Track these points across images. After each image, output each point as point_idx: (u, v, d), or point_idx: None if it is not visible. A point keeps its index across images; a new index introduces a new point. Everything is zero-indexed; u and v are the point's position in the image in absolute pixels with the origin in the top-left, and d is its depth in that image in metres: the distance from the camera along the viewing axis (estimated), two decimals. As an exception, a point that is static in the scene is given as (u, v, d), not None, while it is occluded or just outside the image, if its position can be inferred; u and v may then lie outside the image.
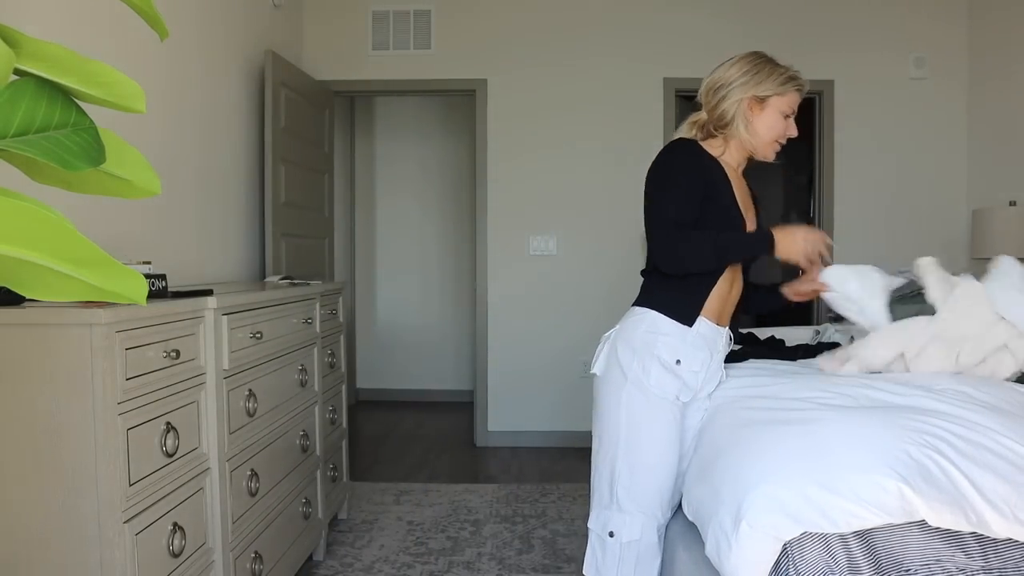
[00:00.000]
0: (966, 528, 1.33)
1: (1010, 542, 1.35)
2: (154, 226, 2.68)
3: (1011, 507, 1.33)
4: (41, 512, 1.47)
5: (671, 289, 1.79)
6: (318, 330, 2.79)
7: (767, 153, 1.88)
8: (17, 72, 0.50)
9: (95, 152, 0.52)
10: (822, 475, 1.37)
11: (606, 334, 1.88)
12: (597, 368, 1.85)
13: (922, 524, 1.35)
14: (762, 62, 1.85)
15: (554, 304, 4.61)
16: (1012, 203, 3.86)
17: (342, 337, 3.16)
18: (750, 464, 1.47)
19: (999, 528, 1.33)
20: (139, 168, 0.59)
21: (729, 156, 1.88)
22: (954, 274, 2.02)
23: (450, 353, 6.15)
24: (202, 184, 3.11)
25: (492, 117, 4.58)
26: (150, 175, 0.60)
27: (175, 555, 1.67)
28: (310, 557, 2.82)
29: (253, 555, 2.10)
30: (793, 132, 1.87)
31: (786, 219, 6.72)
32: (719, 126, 1.86)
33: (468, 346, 5.98)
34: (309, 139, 4.11)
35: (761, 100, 1.82)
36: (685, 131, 1.91)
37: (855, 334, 2.52)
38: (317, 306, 2.79)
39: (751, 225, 1.87)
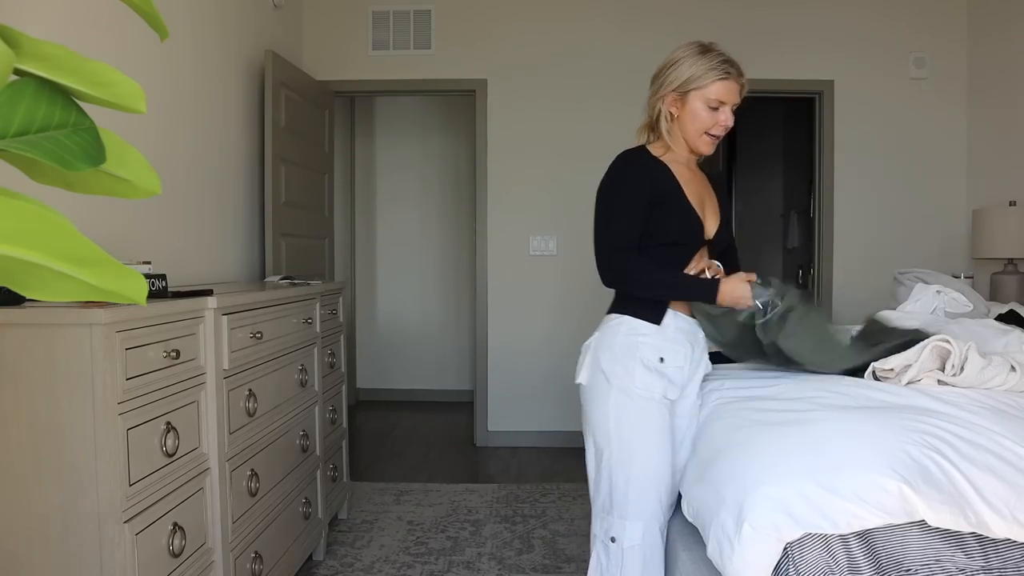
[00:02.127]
0: (965, 528, 1.33)
1: (1010, 542, 1.35)
2: (154, 226, 2.68)
3: (1010, 508, 1.33)
4: (41, 512, 1.47)
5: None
6: (318, 330, 2.79)
7: (698, 147, 1.82)
8: (17, 72, 0.50)
9: (95, 152, 0.52)
10: (823, 476, 1.37)
11: (586, 343, 1.88)
12: (582, 377, 1.85)
13: (922, 524, 1.35)
14: (684, 55, 1.78)
15: (554, 304, 4.61)
16: (1012, 203, 3.86)
17: (342, 337, 3.16)
18: (751, 465, 1.47)
19: (998, 529, 1.33)
20: (139, 168, 0.59)
21: (674, 154, 1.85)
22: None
23: (450, 353, 6.15)
24: (202, 184, 3.11)
25: (492, 117, 4.58)
26: (150, 175, 0.60)
27: (175, 555, 1.67)
28: (310, 557, 2.82)
29: (253, 555, 2.10)
30: (725, 122, 1.77)
31: (786, 219, 6.72)
32: (655, 126, 1.86)
33: (468, 346, 5.98)
34: (309, 139, 4.11)
35: (682, 95, 1.78)
36: (637, 137, 1.90)
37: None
38: (317, 306, 2.79)
39: (710, 223, 1.86)
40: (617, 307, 1.84)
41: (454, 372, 6.13)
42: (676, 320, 1.79)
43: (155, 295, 1.79)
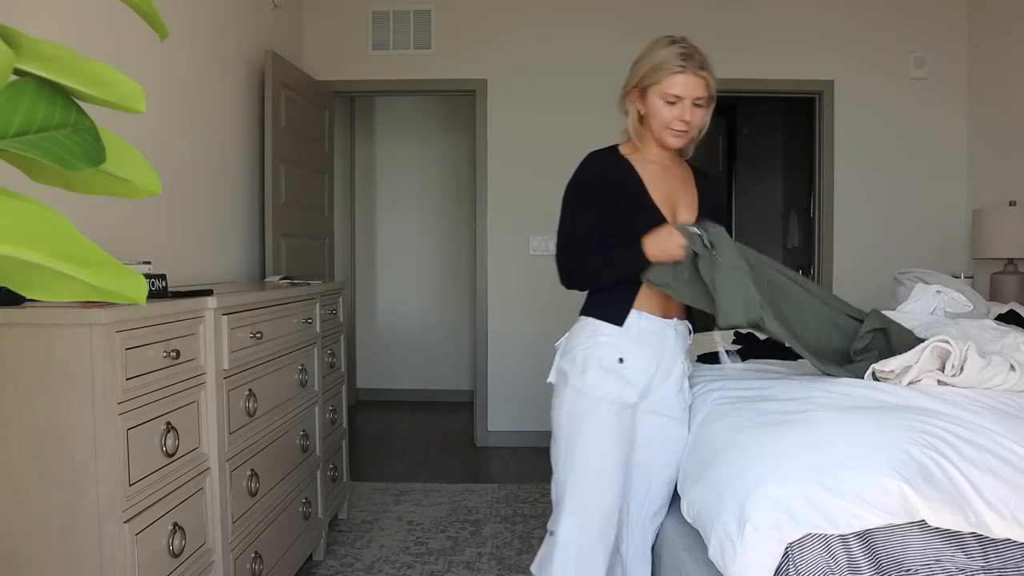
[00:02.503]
0: (965, 528, 1.33)
1: (1010, 542, 1.35)
2: (154, 226, 2.68)
3: (1010, 508, 1.33)
4: (41, 512, 1.47)
5: (603, 293, 1.80)
6: (318, 330, 2.79)
7: (664, 141, 1.78)
8: (17, 72, 0.50)
9: (95, 152, 0.52)
10: (824, 476, 1.37)
11: (557, 343, 1.89)
12: (551, 377, 1.86)
13: (922, 524, 1.35)
14: (647, 50, 1.77)
15: (554, 304, 4.60)
16: (1012, 203, 3.86)
17: (342, 337, 3.16)
18: (752, 465, 1.47)
19: (998, 529, 1.33)
20: (139, 168, 0.59)
21: (643, 152, 1.82)
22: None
23: (450, 353, 6.14)
24: (202, 184, 3.11)
25: (492, 117, 4.58)
26: (150, 175, 0.60)
27: (175, 555, 1.67)
28: (310, 557, 2.82)
29: (253, 555, 2.10)
30: (682, 116, 1.72)
31: (786, 219, 6.72)
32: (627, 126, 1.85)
33: (468, 346, 5.98)
34: (309, 139, 4.11)
35: (643, 91, 1.76)
36: (619, 137, 1.89)
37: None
38: (317, 306, 2.79)
39: (684, 219, 1.81)
40: (584, 309, 1.84)
41: (454, 372, 6.13)
42: (640, 321, 1.76)
43: (155, 295, 1.79)
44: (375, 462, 4.31)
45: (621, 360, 1.74)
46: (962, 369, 1.67)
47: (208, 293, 1.94)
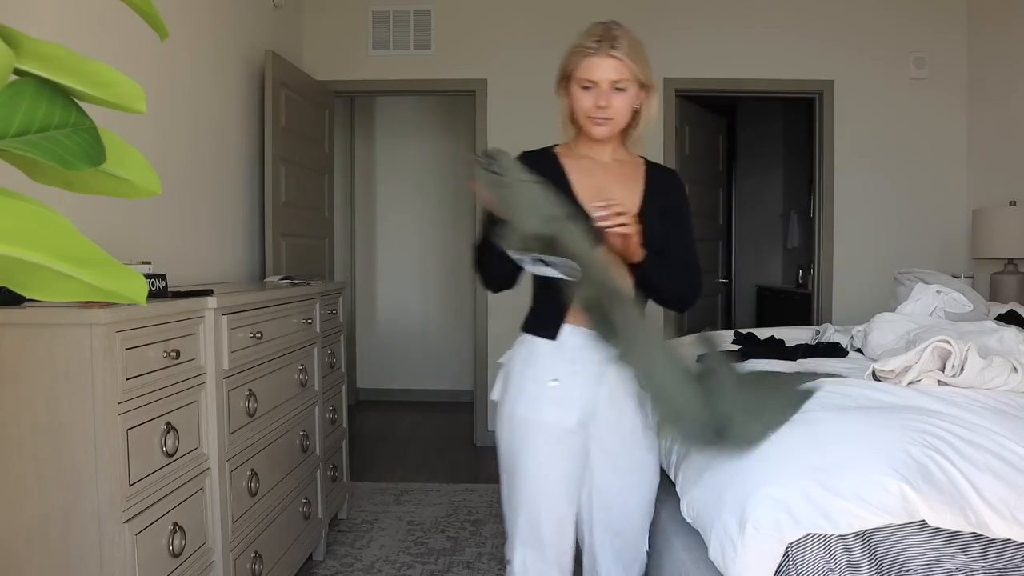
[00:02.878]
0: (965, 528, 1.33)
1: (1010, 542, 1.35)
2: (154, 226, 2.68)
3: (1010, 508, 1.33)
4: (41, 512, 1.47)
5: (535, 307, 1.72)
6: (318, 330, 2.79)
7: (588, 130, 1.65)
8: (17, 72, 0.50)
9: (95, 152, 0.52)
10: (825, 476, 1.37)
11: (500, 359, 1.79)
12: (495, 394, 1.77)
13: (922, 524, 1.35)
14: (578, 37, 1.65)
15: (554, 304, 4.60)
16: (1012, 203, 3.86)
17: (342, 337, 3.16)
18: (752, 465, 1.47)
19: (998, 529, 1.33)
20: (139, 168, 0.59)
21: (578, 148, 1.71)
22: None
23: (450, 353, 6.14)
24: (202, 184, 3.10)
25: (492, 117, 4.58)
26: (150, 175, 0.60)
27: (175, 555, 1.67)
28: (310, 557, 2.82)
29: (253, 555, 2.10)
30: (601, 102, 1.59)
31: (786, 219, 6.72)
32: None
33: (468, 346, 5.98)
34: (309, 139, 4.11)
35: (567, 79, 1.66)
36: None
37: (854, 335, 2.52)
38: (317, 306, 2.79)
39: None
40: (522, 324, 1.74)
41: (454, 372, 6.13)
42: (573, 336, 1.63)
43: (155, 295, 1.79)
44: (375, 462, 4.31)
45: (556, 381, 1.63)
46: (962, 369, 1.67)
47: (208, 293, 1.94)
